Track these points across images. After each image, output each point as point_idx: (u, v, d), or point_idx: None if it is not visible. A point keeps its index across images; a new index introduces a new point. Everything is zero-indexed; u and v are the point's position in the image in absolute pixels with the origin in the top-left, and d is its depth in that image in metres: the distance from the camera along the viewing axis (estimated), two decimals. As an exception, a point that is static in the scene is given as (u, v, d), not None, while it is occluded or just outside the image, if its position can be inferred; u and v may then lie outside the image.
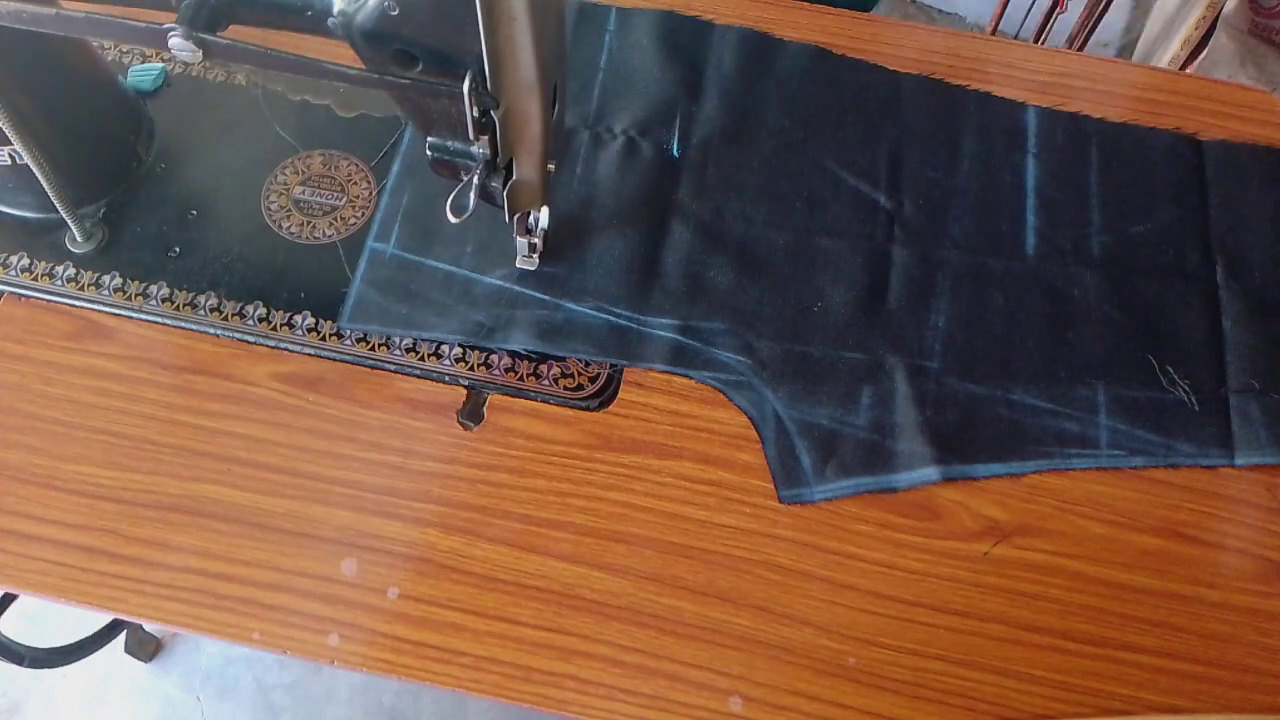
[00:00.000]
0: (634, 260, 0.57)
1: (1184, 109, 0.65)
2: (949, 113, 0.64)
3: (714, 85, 0.64)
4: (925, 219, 0.60)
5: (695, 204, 0.60)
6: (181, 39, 0.42)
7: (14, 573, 0.50)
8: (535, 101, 0.44)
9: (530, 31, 0.40)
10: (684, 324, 0.56)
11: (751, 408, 0.54)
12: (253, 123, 0.62)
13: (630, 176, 0.61)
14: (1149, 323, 0.57)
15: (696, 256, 0.58)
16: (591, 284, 0.57)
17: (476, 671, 0.48)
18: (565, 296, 0.56)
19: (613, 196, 0.60)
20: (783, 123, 0.63)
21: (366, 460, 0.53)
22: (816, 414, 0.54)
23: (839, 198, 0.61)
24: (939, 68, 0.67)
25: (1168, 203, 0.61)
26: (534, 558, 0.50)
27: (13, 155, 0.53)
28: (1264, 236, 0.60)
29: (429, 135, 0.46)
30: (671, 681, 0.48)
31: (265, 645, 0.48)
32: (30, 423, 0.53)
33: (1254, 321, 0.57)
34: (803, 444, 0.53)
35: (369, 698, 1.20)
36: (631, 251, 0.58)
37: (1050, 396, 0.55)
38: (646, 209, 0.60)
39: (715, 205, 0.60)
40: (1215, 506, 0.53)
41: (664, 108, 0.63)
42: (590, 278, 0.57)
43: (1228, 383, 0.55)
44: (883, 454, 0.53)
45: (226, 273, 0.57)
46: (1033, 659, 0.49)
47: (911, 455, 0.53)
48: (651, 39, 0.66)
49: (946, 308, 0.57)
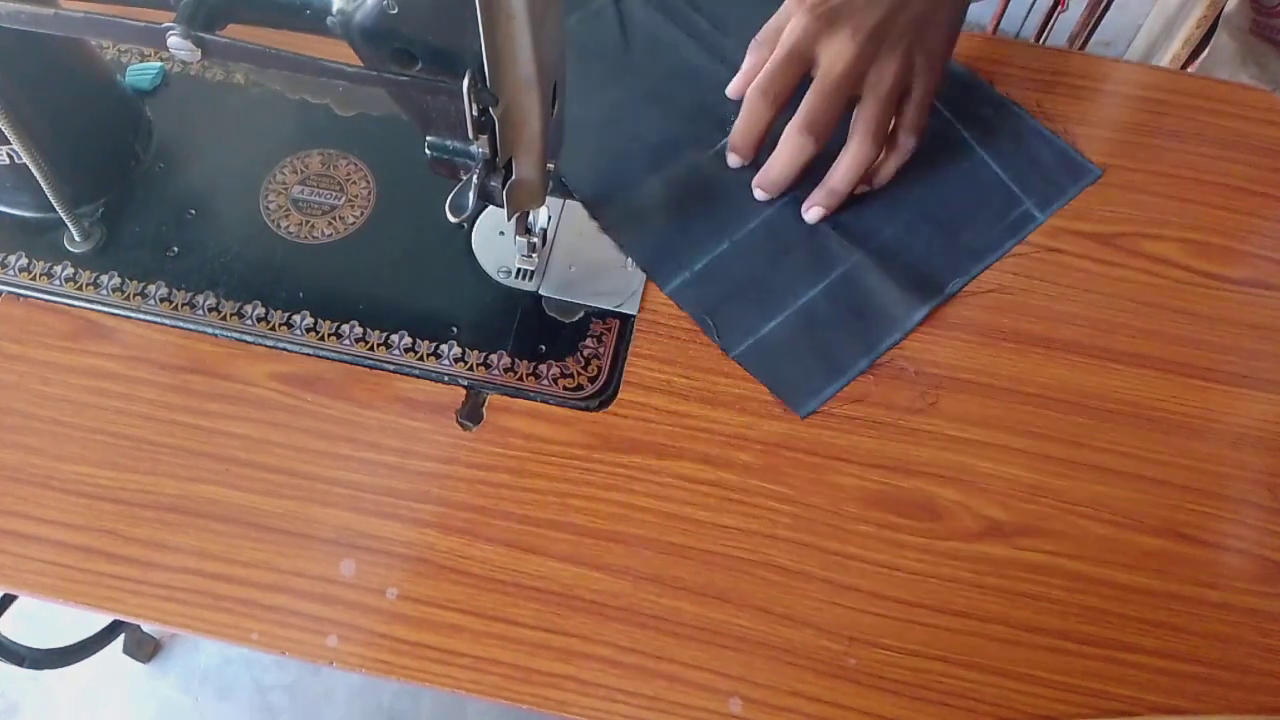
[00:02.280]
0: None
1: (1185, 108, 0.65)
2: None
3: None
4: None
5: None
6: (180, 38, 0.42)
7: (11, 573, 0.50)
8: (535, 100, 0.44)
9: (530, 29, 0.40)
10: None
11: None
12: (251, 122, 0.62)
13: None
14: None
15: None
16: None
17: (475, 672, 0.48)
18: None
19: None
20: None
21: (365, 460, 0.52)
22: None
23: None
24: (939, 67, 0.67)
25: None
26: (533, 558, 0.50)
27: (10, 155, 0.53)
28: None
29: (428, 134, 0.46)
30: (671, 682, 0.48)
31: (263, 646, 0.48)
32: (28, 423, 0.53)
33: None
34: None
35: (367, 698, 1.20)
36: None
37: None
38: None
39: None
40: (1216, 507, 0.53)
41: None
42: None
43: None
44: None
45: (225, 272, 0.57)
46: (1034, 660, 0.49)
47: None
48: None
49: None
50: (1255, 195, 0.64)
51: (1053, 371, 0.57)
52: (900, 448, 0.54)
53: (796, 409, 0.55)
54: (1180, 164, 0.64)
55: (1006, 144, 0.63)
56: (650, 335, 0.57)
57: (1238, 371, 0.57)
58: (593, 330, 0.56)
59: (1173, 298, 0.60)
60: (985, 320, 0.58)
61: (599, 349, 0.56)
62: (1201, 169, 0.64)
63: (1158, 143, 0.64)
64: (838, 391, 0.55)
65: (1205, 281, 0.61)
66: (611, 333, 0.56)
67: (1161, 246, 0.61)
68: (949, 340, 0.57)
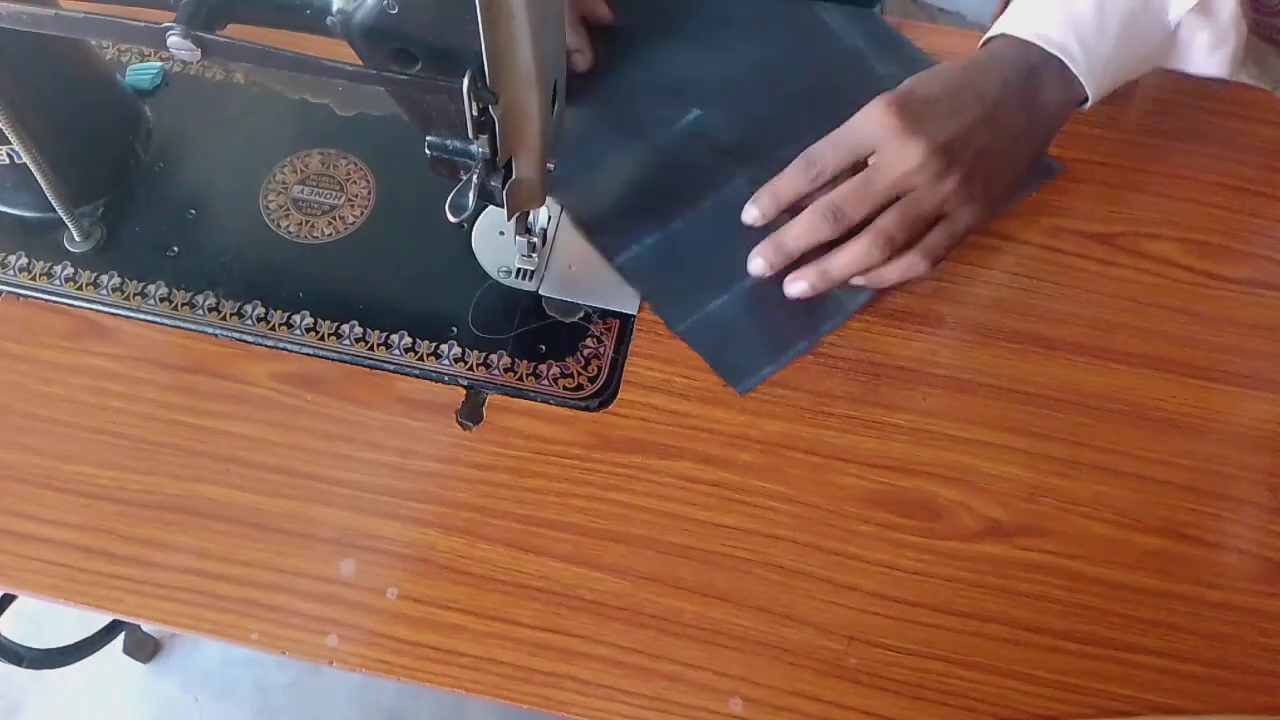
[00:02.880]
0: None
1: (1184, 107, 0.65)
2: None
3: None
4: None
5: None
6: (180, 38, 0.42)
7: (12, 573, 0.50)
8: (535, 99, 0.44)
9: (530, 29, 0.40)
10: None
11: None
12: (251, 122, 0.62)
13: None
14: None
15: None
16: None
17: (476, 672, 0.48)
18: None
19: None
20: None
21: (365, 460, 0.52)
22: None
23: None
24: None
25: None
26: (533, 558, 0.50)
27: (10, 154, 0.53)
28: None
29: (428, 134, 0.46)
30: (671, 682, 0.48)
31: (264, 646, 0.48)
32: (28, 422, 0.53)
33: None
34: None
35: (368, 698, 1.20)
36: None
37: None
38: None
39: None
40: (1217, 507, 0.53)
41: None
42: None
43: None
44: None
45: (225, 272, 0.57)
46: (1034, 660, 0.49)
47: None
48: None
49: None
50: (1255, 195, 0.64)
51: (1053, 371, 0.57)
52: (900, 448, 0.54)
53: (736, 386, 0.55)
54: (1180, 164, 0.64)
55: None
56: (650, 335, 0.57)
57: (1238, 371, 0.57)
58: (593, 330, 0.56)
59: (1173, 298, 0.60)
60: (985, 320, 0.58)
61: (599, 349, 0.56)
62: (1201, 169, 0.64)
63: (1158, 143, 0.64)
64: (776, 371, 0.56)
65: (1205, 281, 0.61)
66: (611, 333, 0.56)
67: (1161, 246, 0.61)
68: (949, 340, 0.57)
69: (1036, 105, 0.54)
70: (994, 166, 0.53)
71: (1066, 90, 0.54)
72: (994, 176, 0.53)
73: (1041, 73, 0.54)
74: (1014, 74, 0.53)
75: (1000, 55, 0.54)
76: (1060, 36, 0.53)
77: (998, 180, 0.54)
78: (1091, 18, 0.53)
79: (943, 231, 0.53)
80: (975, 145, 0.52)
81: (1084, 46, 0.53)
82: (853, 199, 0.52)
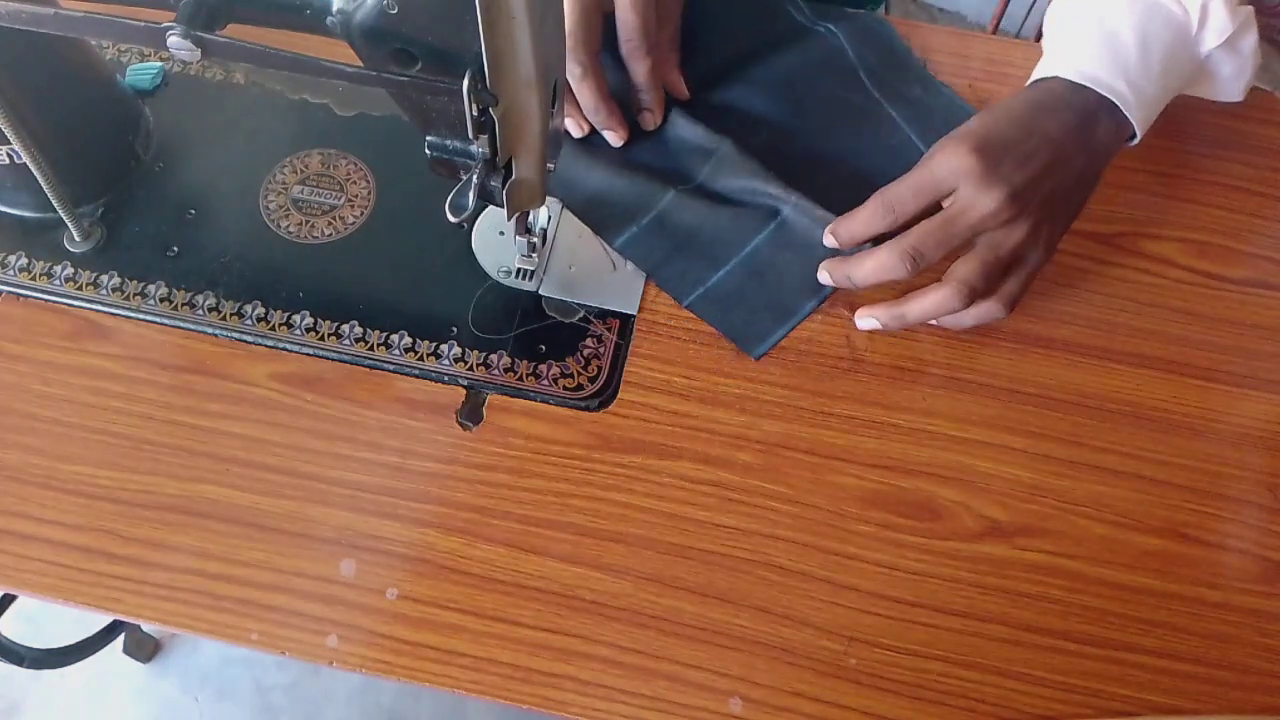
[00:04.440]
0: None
1: (1184, 107, 0.65)
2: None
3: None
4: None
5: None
6: (180, 38, 0.42)
7: (11, 573, 0.49)
8: (535, 100, 0.44)
9: (530, 29, 0.40)
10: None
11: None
12: (251, 122, 0.62)
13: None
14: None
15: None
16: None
17: (475, 672, 0.48)
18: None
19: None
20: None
21: (365, 460, 0.52)
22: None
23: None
24: (939, 66, 0.67)
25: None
26: (533, 558, 0.50)
27: (10, 154, 0.53)
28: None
29: (428, 134, 0.46)
30: (671, 682, 0.48)
31: (263, 646, 0.48)
32: (28, 423, 0.53)
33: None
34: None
35: (367, 699, 1.20)
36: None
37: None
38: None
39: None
40: (1217, 507, 0.53)
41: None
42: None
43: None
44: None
45: (225, 272, 0.57)
46: (1034, 660, 0.49)
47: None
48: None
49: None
50: (1255, 195, 0.64)
51: (1053, 371, 0.57)
52: (900, 448, 0.54)
53: (749, 351, 0.56)
54: (1180, 164, 0.64)
55: (939, 122, 0.63)
56: (650, 335, 0.57)
57: (1238, 371, 0.57)
58: (593, 330, 0.56)
59: (1173, 298, 0.60)
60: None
61: (599, 349, 0.56)
62: (1201, 169, 0.64)
63: (1157, 143, 0.64)
64: (787, 333, 0.57)
65: (1205, 281, 0.61)
66: (611, 332, 0.56)
67: (1161, 246, 0.61)
68: (949, 340, 0.57)
69: (1093, 147, 0.54)
70: (1058, 209, 0.54)
71: (1118, 130, 0.55)
72: (1058, 219, 0.54)
73: (1098, 115, 0.54)
74: (1074, 118, 0.54)
75: (1061, 97, 0.54)
76: (1110, 78, 0.54)
77: (1060, 223, 0.55)
78: (1138, 58, 0.54)
79: (1018, 280, 0.54)
80: (1044, 190, 0.52)
81: (1133, 87, 0.54)
82: (932, 243, 0.52)
